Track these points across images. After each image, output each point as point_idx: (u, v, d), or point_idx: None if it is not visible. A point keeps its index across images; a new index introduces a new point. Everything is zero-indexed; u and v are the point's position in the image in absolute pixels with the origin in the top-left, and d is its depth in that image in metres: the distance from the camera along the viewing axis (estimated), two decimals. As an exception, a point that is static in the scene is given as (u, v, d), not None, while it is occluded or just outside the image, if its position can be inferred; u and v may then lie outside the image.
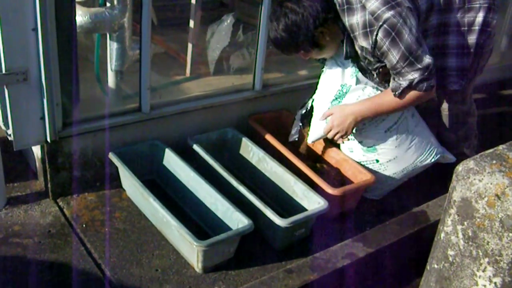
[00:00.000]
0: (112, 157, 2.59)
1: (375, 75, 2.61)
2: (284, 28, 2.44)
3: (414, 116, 2.80)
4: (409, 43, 2.36)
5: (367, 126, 2.71)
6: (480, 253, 1.65)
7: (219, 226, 2.42)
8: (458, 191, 1.68)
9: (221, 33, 3.29)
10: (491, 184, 1.61)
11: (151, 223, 2.53)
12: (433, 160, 2.82)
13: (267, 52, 3.03)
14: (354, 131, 2.68)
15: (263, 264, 2.41)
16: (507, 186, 1.58)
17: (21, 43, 2.21)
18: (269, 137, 2.91)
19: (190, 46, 3.33)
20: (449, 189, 1.72)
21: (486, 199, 1.61)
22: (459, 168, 1.69)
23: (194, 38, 3.31)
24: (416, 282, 2.42)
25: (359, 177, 2.76)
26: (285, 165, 2.72)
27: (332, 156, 2.93)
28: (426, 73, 2.41)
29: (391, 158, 2.77)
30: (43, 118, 2.40)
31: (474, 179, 1.64)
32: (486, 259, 1.64)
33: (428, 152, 2.80)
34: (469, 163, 1.67)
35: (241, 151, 2.92)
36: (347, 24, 2.45)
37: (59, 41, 2.30)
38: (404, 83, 2.44)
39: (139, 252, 2.37)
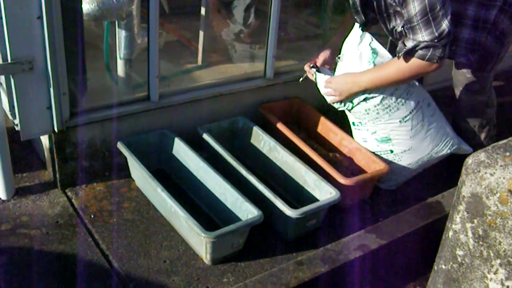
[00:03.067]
0: (120, 146, 2.57)
1: (390, 38, 2.54)
2: None
3: (430, 105, 2.72)
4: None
5: (381, 116, 2.63)
6: (492, 254, 1.55)
7: (229, 216, 2.38)
8: (467, 186, 1.57)
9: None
10: (504, 178, 1.49)
11: (160, 213, 2.50)
12: (449, 151, 2.75)
13: (279, 40, 2.97)
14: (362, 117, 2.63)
15: (273, 256, 2.37)
16: (522, 181, 1.48)
17: (26, 31, 2.18)
18: (280, 126, 2.86)
19: (201, 33, 3.28)
20: (458, 183, 1.62)
21: (498, 195, 1.49)
22: (469, 160, 1.59)
23: (206, 25, 3.27)
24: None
25: (372, 167, 2.70)
26: (297, 155, 2.67)
27: (344, 145, 2.87)
28: (437, 40, 2.30)
29: (406, 148, 2.70)
30: (50, 107, 2.36)
31: (485, 173, 1.52)
32: (498, 261, 1.54)
33: (444, 143, 2.72)
34: (480, 155, 1.56)
35: (252, 140, 2.87)
36: None
37: (65, 29, 2.26)
38: (410, 44, 2.33)
39: (147, 243, 2.34)
